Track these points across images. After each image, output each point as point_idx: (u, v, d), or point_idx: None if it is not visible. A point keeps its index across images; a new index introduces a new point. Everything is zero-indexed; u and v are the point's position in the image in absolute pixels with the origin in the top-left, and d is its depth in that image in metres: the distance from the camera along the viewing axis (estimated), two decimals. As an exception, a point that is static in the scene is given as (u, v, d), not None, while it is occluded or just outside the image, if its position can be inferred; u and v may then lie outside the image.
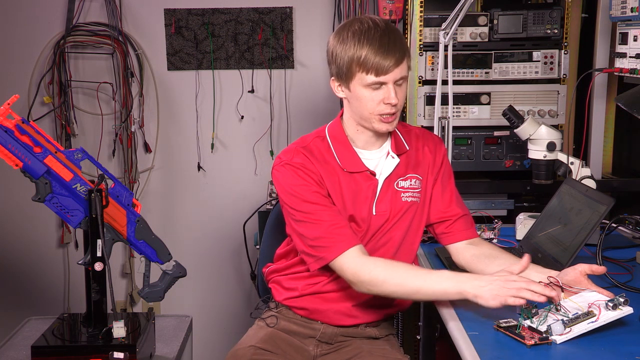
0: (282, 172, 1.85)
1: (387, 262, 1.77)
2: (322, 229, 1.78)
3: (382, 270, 1.72)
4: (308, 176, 1.83)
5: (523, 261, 1.66)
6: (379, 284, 1.72)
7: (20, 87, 3.14)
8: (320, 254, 1.79)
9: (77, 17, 3.12)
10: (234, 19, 3.16)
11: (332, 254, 1.77)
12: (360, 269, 1.74)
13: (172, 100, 3.25)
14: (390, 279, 1.71)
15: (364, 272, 1.73)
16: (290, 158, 1.85)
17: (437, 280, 1.67)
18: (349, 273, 1.76)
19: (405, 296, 1.77)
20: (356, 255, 1.76)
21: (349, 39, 1.77)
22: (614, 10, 2.15)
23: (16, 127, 1.68)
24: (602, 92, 2.62)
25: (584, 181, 2.18)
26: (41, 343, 1.75)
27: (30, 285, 3.34)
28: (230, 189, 3.31)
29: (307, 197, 1.81)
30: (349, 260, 1.76)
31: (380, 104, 1.79)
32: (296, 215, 1.82)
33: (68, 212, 1.73)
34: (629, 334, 1.51)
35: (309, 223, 1.80)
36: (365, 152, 1.90)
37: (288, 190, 1.83)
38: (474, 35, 2.56)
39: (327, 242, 1.78)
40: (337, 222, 1.79)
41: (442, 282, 1.66)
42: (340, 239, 1.77)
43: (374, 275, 1.72)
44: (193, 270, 2.46)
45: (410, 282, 1.70)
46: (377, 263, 1.75)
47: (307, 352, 1.93)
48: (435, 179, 1.95)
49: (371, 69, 1.75)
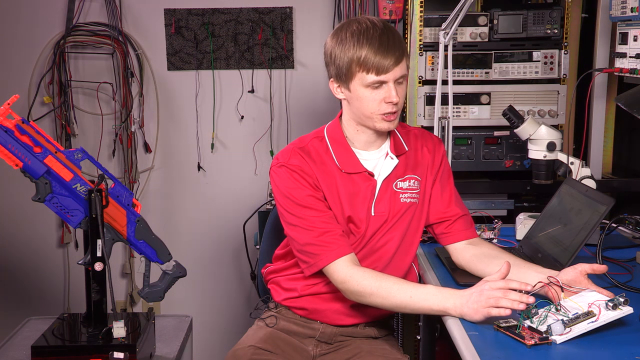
0: (279, 173, 1.85)
1: (375, 275, 1.77)
2: (314, 235, 1.79)
3: (370, 282, 1.74)
4: (303, 179, 1.83)
5: (502, 268, 1.62)
6: (367, 296, 1.75)
7: (20, 87, 3.14)
8: (311, 260, 1.81)
9: (77, 17, 3.12)
10: (234, 19, 3.16)
11: (322, 262, 1.79)
12: (349, 279, 1.76)
13: (172, 100, 3.25)
14: (377, 292, 1.73)
15: (352, 283, 1.75)
16: (287, 159, 1.85)
17: (423, 297, 1.68)
18: (338, 281, 1.78)
19: (392, 309, 1.78)
20: (346, 265, 1.77)
21: (348, 39, 1.77)
22: (614, 10, 2.15)
23: (16, 127, 1.67)
24: (602, 92, 2.62)
25: (584, 181, 2.18)
26: (41, 343, 1.75)
27: (30, 285, 3.34)
28: (230, 189, 3.31)
29: (301, 200, 1.81)
30: (338, 270, 1.77)
31: (381, 103, 1.79)
32: (289, 218, 1.83)
33: (68, 212, 1.73)
34: (629, 334, 1.51)
35: (301, 228, 1.81)
36: (364, 152, 1.90)
37: (283, 192, 1.84)
38: (474, 35, 2.56)
39: (318, 249, 1.79)
40: (329, 229, 1.80)
41: (429, 299, 1.67)
42: (332, 247, 1.78)
43: (361, 287, 1.74)
44: (193, 270, 2.45)
45: (397, 296, 1.71)
46: (366, 275, 1.76)
47: (306, 352, 1.93)
48: (434, 179, 1.95)
49: (372, 69, 1.75)
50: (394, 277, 1.77)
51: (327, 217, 1.82)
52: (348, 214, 1.85)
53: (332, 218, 1.83)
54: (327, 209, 1.84)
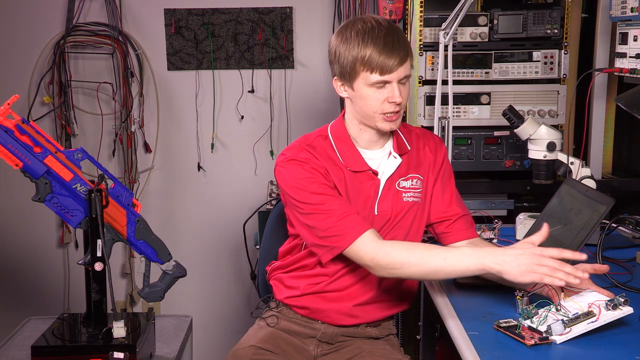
0: (288, 167, 1.84)
1: (404, 243, 1.76)
2: (333, 218, 1.77)
3: (400, 252, 1.70)
4: (314, 169, 1.82)
5: (542, 231, 1.61)
6: (398, 267, 1.70)
7: (20, 87, 3.14)
8: (333, 244, 1.77)
9: (77, 17, 3.12)
10: (234, 19, 3.16)
11: (346, 242, 1.75)
12: (378, 253, 1.71)
13: (172, 100, 3.25)
14: (409, 261, 1.69)
15: (382, 256, 1.71)
16: (295, 154, 1.85)
17: (458, 258, 1.64)
18: (367, 258, 1.73)
19: (427, 276, 1.74)
20: (371, 240, 1.74)
21: (353, 38, 1.77)
22: (614, 10, 2.15)
23: (16, 127, 1.67)
24: (602, 92, 2.62)
25: (584, 181, 2.18)
26: (41, 343, 1.75)
27: (30, 285, 3.34)
28: (230, 189, 3.31)
29: (315, 189, 1.80)
30: (365, 246, 1.73)
31: (384, 103, 1.79)
32: (305, 208, 1.81)
33: (68, 212, 1.73)
34: (629, 334, 1.51)
35: (319, 214, 1.79)
36: (368, 151, 1.90)
37: (294, 184, 1.82)
38: (474, 35, 2.56)
39: (339, 230, 1.76)
40: (346, 210, 1.78)
41: (463, 260, 1.63)
42: (352, 225, 1.75)
43: (392, 259, 1.70)
44: (193, 270, 2.45)
45: (430, 262, 1.67)
46: (394, 245, 1.73)
47: (307, 352, 1.93)
48: (435, 178, 1.95)
49: (376, 68, 1.75)
50: (424, 244, 1.76)
51: (342, 200, 1.81)
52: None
53: (346, 201, 1.82)
54: (340, 195, 1.83)
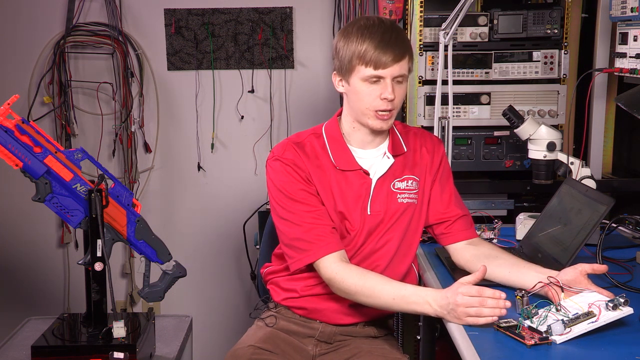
0: (273, 166, 1.88)
1: (360, 273, 1.78)
2: (302, 231, 1.81)
3: (355, 281, 1.75)
4: (296, 173, 1.85)
5: (478, 272, 1.62)
6: (352, 294, 1.77)
7: (20, 87, 3.14)
8: (298, 256, 1.83)
9: (77, 17, 3.12)
10: (234, 19, 3.16)
11: (309, 258, 1.81)
12: (335, 277, 1.78)
13: (172, 100, 3.25)
14: (362, 292, 1.75)
15: (338, 281, 1.77)
16: (282, 153, 1.88)
17: (405, 301, 1.69)
18: (325, 279, 1.81)
19: (380, 308, 1.79)
20: (333, 262, 1.79)
21: (353, 33, 1.80)
22: (614, 10, 2.15)
23: (16, 127, 1.67)
24: (602, 92, 2.62)
25: (584, 181, 2.18)
26: (41, 343, 1.75)
27: (30, 285, 3.34)
28: (230, 189, 3.31)
29: (293, 194, 1.83)
30: (325, 267, 1.79)
31: (376, 99, 1.80)
32: (280, 211, 1.85)
33: (68, 212, 1.73)
34: (629, 334, 1.51)
35: (291, 222, 1.83)
36: (360, 151, 1.91)
37: (276, 185, 1.86)
38: (474, 35, 2.56)
39: (306, 245, 1.81)
40: (319, 224, 1.81)
41: (410, 305, 1.69)
42: (320, 244, 1.80)
43: (346, 286, 1.76)
44: (193, 270, 2.45)
45: (380, 297, 1.73)
46: (352, 274, 1.77)
47: (306, 351, 1.93)
48: (433, 179, 1.95)
49: (370, 62, 1.76)
50: (379, 277, 1.77)
51: (317, 213, 1.83)
52: (340, 210, 1.86)
53: (324, 214, 1.84)
54: (320, 205, 1.85)
